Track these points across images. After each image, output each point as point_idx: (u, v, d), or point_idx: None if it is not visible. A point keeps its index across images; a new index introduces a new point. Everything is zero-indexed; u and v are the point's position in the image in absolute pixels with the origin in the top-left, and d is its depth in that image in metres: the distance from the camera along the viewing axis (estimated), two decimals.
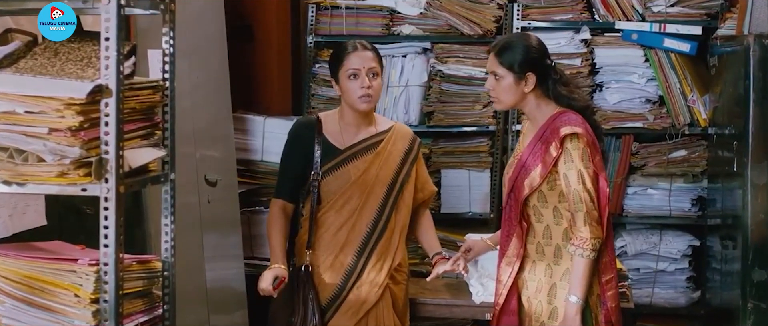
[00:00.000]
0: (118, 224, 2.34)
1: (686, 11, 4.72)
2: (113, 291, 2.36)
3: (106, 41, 2.30)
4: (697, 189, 4.79)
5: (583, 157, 3.02)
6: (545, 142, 3.08)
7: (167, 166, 2.64)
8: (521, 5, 4.79)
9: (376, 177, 3.41)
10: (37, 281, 2.42)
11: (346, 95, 3.37)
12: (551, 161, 3.05)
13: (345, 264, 3.38)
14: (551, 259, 3.14)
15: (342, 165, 3.39)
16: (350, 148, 3.41)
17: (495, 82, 3.13)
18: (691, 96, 4.69)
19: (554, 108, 3.14)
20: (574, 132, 3.03)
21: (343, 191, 3.37)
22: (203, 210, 4.05)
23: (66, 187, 2.33)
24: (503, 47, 3.14)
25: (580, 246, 3.01)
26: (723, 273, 4.37)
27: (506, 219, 3.21)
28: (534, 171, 3.09)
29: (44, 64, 2.49)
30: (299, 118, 3.50)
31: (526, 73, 3.10)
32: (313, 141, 3.38)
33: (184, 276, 3.39)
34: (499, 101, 3.16)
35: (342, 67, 3.36)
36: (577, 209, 3.01)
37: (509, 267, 3.18)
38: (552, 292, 3.12)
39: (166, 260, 2.64)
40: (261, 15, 5.08)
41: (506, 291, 3.18)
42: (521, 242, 3.15)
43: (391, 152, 3.45)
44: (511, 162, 3.27)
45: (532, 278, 3.17)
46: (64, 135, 2.28)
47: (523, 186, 3.11)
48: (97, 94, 2.31)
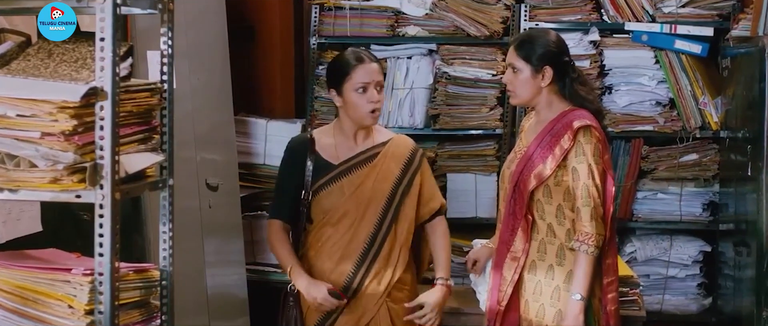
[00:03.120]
0: (114, 232, 2.27)
1: (697, 12, 4.69)
2: (108, 302, 2.28)
3: (101, 42, 2.23)
4: (709, 193, 4.76)
5: (595, 152, 3.04)
6: (556, 135, 3.08)
7: (165, 172, 2.56)
8: (529, 6, 4.74)
9: (372, 190, 3.30)
10: (30, 291, 2.35)
11: (353, 110, 3.26)
12: (563, 153, 3.04)
13: (341, 279, 3.26)
14: (554, 259, 3.10)
15: (335, 181, 3.29)
16: (344, 163, 3.31)
17: (513, 75, 3.16)
18: (703, 98, 4.65)
19: (566, 105, 3.15)
20: (588, 125, 3.04)
21: (338, 206, 3.27)
22: (204, 216, 4.02)
23: (59, 194, 2.26)
24: (522, 40, 3.19)
25: (585, 241, 3.00)
26: (736, 279, 4.32)
27: (510, 214, 3.16)
28: (543, 163, 3.07)
29: (37, 65, 2.43)
30: (292, 138, 3.43)
31: (543, 67, 3.12)
32: (306, 159, 3.29)
33: (185, 282, 3.36)
34: (516, 95, 3.18)
35: (349, 80, 3.24)
36: (585, 204, 3.01)
37: (515, 262, 3.13)
38: (555, 295, 3.08)
39: (165, 269, 2.57)
40: (263, 16, 5.08)
41: (511, 288, 3.12)
42: (527, 236, 3.11)
43: (389, 164, 3.34)
44: (511, 157, 3.24)
45: (530, 278, 3.13)
46: (58, 139, 2.22)
47: (531, 178, 3.09)
48: (91, 97, 2.24)
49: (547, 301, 3.10)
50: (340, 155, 3.31)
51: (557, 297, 3.08)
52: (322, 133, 3.37)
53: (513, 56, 3.16)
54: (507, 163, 3.26)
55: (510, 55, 3.18)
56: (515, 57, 3.15)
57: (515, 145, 3.30)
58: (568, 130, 3.05)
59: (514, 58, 3.15)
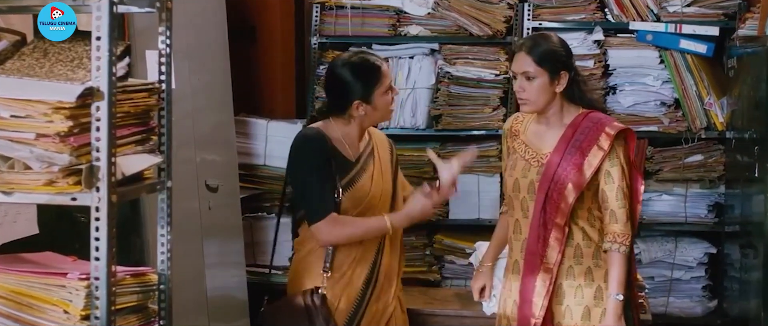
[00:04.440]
0: (111, 235, 2.23)
1: (703, 11, 4.65)
2: (105, 307, 2.24)
3: (97, 41, 2.19)
4: (714, 195, 4.73)
5: (627, 155, 3.07)
6: (585, 141, 3.04)
7: (163, 173, 2.53)
8: (532, 5, 4.71)
9: (383, 182, 3.32)
10: (24, 296, 2.31)
11: (381, 112, 3.28)
12: (601, 159, 3.03)
13: (364, 273, 3.27)
14: (591, 262, 3.10)
15: (359, 177, 3.27)
16: (359, 158, 3.30)
17: (527, 83, 3.07)
18: (708, 99, 4.62)
19: (577, 108, 3.12)
20: (624, 128, 3.06)
21: (363, 201, 3.25)
22: (204, 217, 4.00)
23: (55, 196, 2.22)
24: (534, 45, 3.09)
25: (623, 242, 3.02)
26: (742, 281, 4.29)
27: (540, 225, 3.07)
28: (578, 171, 3.04)
29: (32, 65, 2.39)
30: (305, 135, 3.29)
31: (559, 72, 3.07)
32: (329, 155, 3.22)
33: (184, 284, 3.33)
34: (531, 103, 3.09)
35: (380, 85, 3.23)
36: (621, 206, 3.03)
37: (548, 273, 3.08)
38: (599, 296, 3.09)
39: (163, 273, 2.53)
40: (264, 15, 5.08)
41: (547, 300, 3.07)
42: (562, 245, 3.07)
43: (384, 156, 3.38)
44: (521, 165, 3.13)
45: (569, 284, 3.10)
46: (52, 141, 2.18)
47: (568, 188, 3.04)
48: (87, 97, 2.20)
49: (590, 303, 3.09)
50: (352, 151, 3.28)
51: (601, 297, 3.08)
52: (327, 129, 3.28)
53: (526, 63, 3.06)
54: (518, 170, 3.14)
55: (522, 62, 3.07)
56: (530, 63, 3.05)
57: (516, 150, 3.19)
58: (601, 135, 3.03)
59: (528, 64, 3.06)
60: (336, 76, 3.26)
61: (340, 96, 3.25)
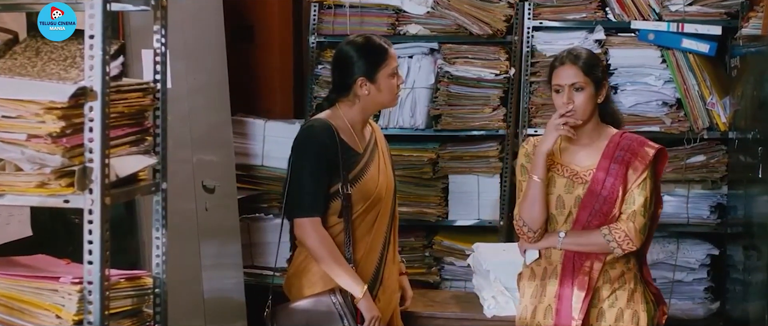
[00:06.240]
0: (104, 238, 2.19)
1: (705, 10, 4.61)
2: (98, 312, 2.20)
3: (90, 39, 2.16)
4: (716, 195, 4.70)
5: (658, 171, 3.16)
6: (623, 162, 3.09)
7: (158, 175, 2.49)
8: (533, 4, 4.68)
9: (387, 174, 3.31)
10: (16, 301, 2.27)
11: (386, 94, 3.25)
12: (639, 174, 3.08)
13: (371, 269, 3.24)
14: (624, 267, 3.14)
15: (367, 168, 3.24)
16: (366, 149, 3.27)
17: (575, 94, 3.08)
18: (711, 99, 4.59)
19: (606, 126, 3.17)
20: (660, 149, 3.12)
21: (372, 194, 3.22)
22: (201, 218, 3.99)
23: (47, 199, 2.19)
24: (578, 56, 3.12)
25: (620, 244, 3.05)
26: (745, 283, 4.26)
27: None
28: (618, 194, 3.09)
29: (24, 64, 2.36)
30: (312, 125, 3.24)
31: (602, 82, 3.13)
32: (337, 147, 3.18)
33: (180, 286, 3.31)
34: (579, 114, 3.08)
35: (386, 66, 3.23)
36: (642, 214, 3.08)
37: (586, 277, 3.10)
38: (631, 298, 3.14)
39: (158, 276, 2.49)
40: (262, 14, 5.07)
41: (586, 304, 3.09)
42: (604, 256, 3.12)
43: (383, 147, 3.38)
44: (564, 182, 3.11)
45: (606, 288, 3.13)
46: (44, 141, 2.15)
47: (613, 210, 3.09)
48: (80, 97, 2.17)
49: (623, 305, 3.12)
50: (359, 142, 3.26)
51: (632, 300, 3.13)
52: (333, 119, 3.24)
53: (574, 73, 3.07)
54: (560, 187, 3.11)
55: (570, 74, 3.08)
56: (578, 74, 3.07)
57: (550, 169, 3.13)
58: (641, 151, 3.09)
59: (577, 75, 3.07)
60: (342, 53, 3.28)
61: (345, 73, 3.23)
